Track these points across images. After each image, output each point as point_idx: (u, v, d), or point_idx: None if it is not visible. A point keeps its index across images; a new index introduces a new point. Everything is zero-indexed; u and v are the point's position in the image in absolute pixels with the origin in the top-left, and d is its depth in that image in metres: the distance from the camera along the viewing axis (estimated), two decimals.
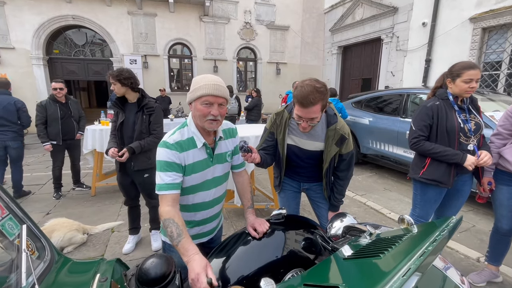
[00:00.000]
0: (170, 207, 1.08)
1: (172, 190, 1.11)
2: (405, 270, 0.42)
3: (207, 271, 0.90)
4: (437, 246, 0.54)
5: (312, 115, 1.34)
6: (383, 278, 0.41)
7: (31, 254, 0.74)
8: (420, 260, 0.46)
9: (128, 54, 9.70)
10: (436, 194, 1.86)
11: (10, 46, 8.45)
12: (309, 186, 1.76)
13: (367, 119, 4.80)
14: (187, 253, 0.96)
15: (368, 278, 0.46)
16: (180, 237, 1.00)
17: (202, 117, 1.12)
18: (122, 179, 2.42)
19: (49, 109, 3.52)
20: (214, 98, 1.10)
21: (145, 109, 2.27)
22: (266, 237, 1.21)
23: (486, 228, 2.85)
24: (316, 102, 1.29)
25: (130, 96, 2.28)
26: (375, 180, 4.56)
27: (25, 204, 3.51)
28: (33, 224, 0.79)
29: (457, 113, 1.76)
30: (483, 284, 2.00)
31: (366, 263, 0.55)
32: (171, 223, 1.03)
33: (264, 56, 11.58)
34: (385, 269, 0.45)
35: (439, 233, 0.60)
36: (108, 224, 2.95)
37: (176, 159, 1.13)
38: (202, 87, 1.09)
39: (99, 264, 0.86)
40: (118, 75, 2.19)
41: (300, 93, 1.30)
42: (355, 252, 0.71)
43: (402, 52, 7.92)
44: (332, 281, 0.51)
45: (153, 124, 2.31)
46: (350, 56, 10.55)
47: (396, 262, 0.47)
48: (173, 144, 1.13)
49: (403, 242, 0.63)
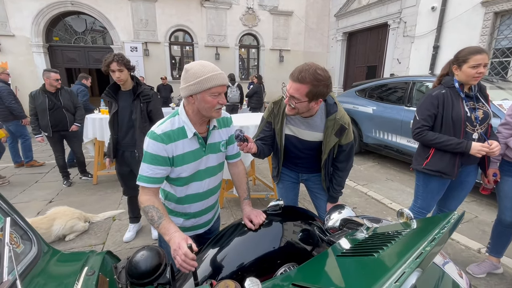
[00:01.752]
0: (149, 196, 1.10)
1: (151, 184, 1.11)
2: (399, 275, 0.38)
3: (187, 240, 0.94)
4: (436, 245, 0.50)
5: (294, 92, 1.27)
6: (374, 283, 0.38)
7: (16, 247, 0.73)
8: (416, 262, 0.42)
9: (129, 41, 9.52)
10: (439, 185, 1.82)
11: (9, 34, 8.34)
12: (307, 177, 1.73)
13: (370, 108, 4.70)
14: (168, 231, 1.00)
15: (359, 282, 0.43)
16: (160, 219, 1.03)
17: (210, 108, 1.10)
18: (120, 169, 2.38)
19: (37, 100, 3.46)
20: (222, 88, 1.09)
21: (141, 97, 2.16)
22: (263, 228, 1.19)
23: (489, 219, 2.82)
24: (304, 81, 1.22)
25: (127, 84, 2.17)
26: (377, 170, 4.52)
27: (27, 192, 3.56)
28: (18, 217, 0.77)
29: (464, 101, 1.69)
30: (483, 275, 1.99)
31: (359, 262, 0.52)
32: (151, 208, 1.05)
33: (267, 43, 11.30)
34: (377, 272, 0.42)
35: (438, 231, 0.57)
36: (110, 213, 2.98)
37: (161, 151, 1.10)
38: (210, 78, 1.04)
39: (88, 256, 0.84)
40: (123, 59, 2.06)
41: (299, 66, 1.26)
42: (350, 249, 0.68)
43: (409, 38, 7.66)
44: (321, 283, 0.48)
45: (155, 114, 2.22)
46: (355, 43, 10.26)
47: (390, 264, 0.43)
48: (160, 135, 1.09)
49: (399, 240, 0.60)
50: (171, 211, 1.30)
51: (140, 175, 1.11)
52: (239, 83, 7.21)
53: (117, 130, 2.23)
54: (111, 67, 2.04)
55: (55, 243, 2.48)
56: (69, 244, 2.48)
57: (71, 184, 3.81)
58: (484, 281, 1.96)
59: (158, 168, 1.11)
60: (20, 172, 4.34)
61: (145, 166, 1.11)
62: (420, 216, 1.93)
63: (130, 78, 2.17)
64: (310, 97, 1.27)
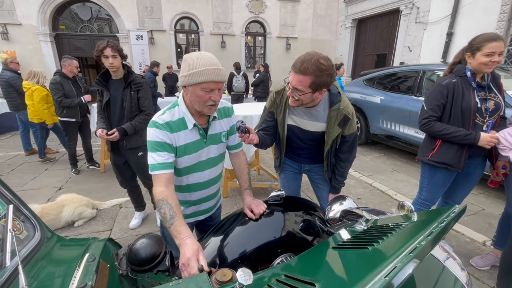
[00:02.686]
0: (163, 187, 1.05)
1: (165, 170, 1.08)
2: (389, 269, 0.38)
3: (198, 256, 0.87)
4: (432, 239, 0.49)
5: (297, 85, 1.23)
6: (364, 277, 0.37)
7: (19, 234, 0.75)
8: (409, 257, 0.41)
9: (134, 29, 9.46)
10: (445, 177, 1.79)
11: (16, 22, 8.38)
12: (310, 168, 1.72)
13: (378, 98, 4.59)
14: (180, 236, 0.94)
15: (349, 275, 0.42)
16: (173, 219, 0.97)
17: (202, 103, 1.05)
18: (115, 160, 2.34)
19: (65, 86, 3.48)
20: (215, 84, 1.02)
21: (132, 85, 2.11)
22: (263, 218, 1.20)
23: (496, 212, 2.77)
24: (307, 73, 1.18)
25: (118, 72, 2.11)
26: (383, 161, 4.46)
27: (38, 179, 3.67)
28: (21, 204, 0.79)
29: (475, 91, 1.62)
30: (486, 268, 1.98)
31: (353, 255, 0.52)
32: (164, 204, 1.00)
33: (274, 30, 11.06)
34: (369, 266, 0.41)
35: (437, 224, 0.55)
36: (116, 200, 3.05)
37: (166, 139, 1.09)
38: (202, 72, 0.98)
39: (90, 243, 0.86)
40: (118, 45, 2.00)
41: (301, 57, 1.21)
42: (347, 240, 0.68)
43: (421, 24, 7.37)
44: (312, 274, 0.48)
45: (143, 101, 2.17)
46: (365, 30, 9.95)
47: (383, 258, 0.43)
48: (163, 124, 1.08)
49: (396, 233, 0.59)
50: None
51: (151, 164, 1.09)
52: (244, 72, 7.13)
53: (109, 120, 2.19)
54: (105, 52, 1.97)
55: (65, 228, 2.57)
56: (77, 230, 2.56)
57: (79, 172, 3.90)
58: (488, 274, 1.95)
59: (167, 154, 1.09)
60: (31, 159, 4.45)
61: (154, 154, 1.08)
62: (424, 208, 1.91)
63: (122, 66, 2.11)
64: (313, 88, 1.23)
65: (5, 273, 0.61)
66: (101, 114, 2.19)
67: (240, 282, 0.47)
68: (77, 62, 3.60)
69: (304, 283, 0.42)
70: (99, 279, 0.70)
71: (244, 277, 0.48)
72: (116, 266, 0.84)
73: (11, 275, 0.61)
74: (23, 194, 3.23)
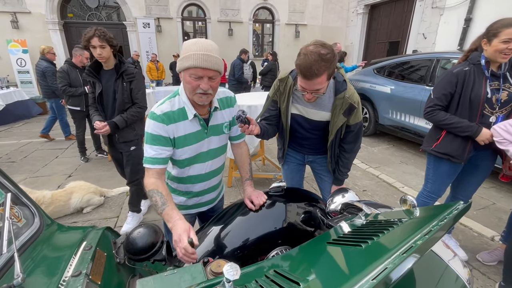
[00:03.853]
0: (154, 179, 1.07)
1: (156, 165, 1.08)
2: (379, 271, 0.36)
3: (189, 232, 0.91)
4: (430, 238, 0.46)
5: (316, 87, 1.21)
6: (350, 279, 0.35)
7: (17, 222, 0.76)
8: (401, 257, 0.39)
9: (141, 17, 9.37)
10: (450, 169, 1.73)
11: (26, 10, 8.43)
12: (313, 159, 1.69)
13: (388, 87, 4.44)
14: (171, 219, 0.97)
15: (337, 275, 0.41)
16: (164, 206, 1.00)
17: (191, 90, 1.02)
18: (113, 153, 2.31)
19: (71, 75, 3.55)
20: (203, 71, 0.97)
21: (124, 75, 2.00)
22: (263, 209, 1.19)
23: (508, 207, 2.69)
24: (321, 73, 1.15)
25: (109, 62, 1.98)
26: (391, 152, 4.37)
27: (49, 167, 3.77)
28: (20, 192, 0.80)
29: (488, 81, 1.53)
30: (493, 263, 1.93)
31: (345, 252, 0.50)
32: (155, 193, 1.02)
33: (283, 17, 10.75)
34: (359, 266, 0.39)
35: (437, 222, 0.52)
36: (123, 188, 3.11)
37: (162, 132, 1.07)
38: (190, 56, 0.95)
39: (89, 232, 0.87)
40: (106, 34, 1.86)
41: (303, 63, 1.15)
42: (342, 236, 0.66)
43: (438, 10, 7.00)
44: (301, 271, 0.46)
45: (135, 92, 2.06)
46: (377, 16, 9.54)
47: (374, 258, 0.40)
48: (160, 116, 1.06)
49: (394, 230, 0.56)
50: (173, 190, 1.32)
51: (145, 157, 1.09)
52: (252, 60, 6.99)
53: (104, 112, 2.10)
54: (91, 42, 1.83)
55: (74, 215, 2.65)
56: (86, 216, 2.64)
57: (88, 160, 3.99)
58: (494, 269, 1.91)
59: (161, 149, 1.08)
60: (42, 147, 4.58)
61: (148, 147, 1.08)
62: (430, 200, 1.87)
63: (113, 56, 1.99)
64: (329, 77, 1.23)
65: (1, 260, 0.62)
66: (94, 106, 2.11)
67: (227, 277, 0.46)
68: (89, 54, 3.62)
69: (291, 281, 0.41)
70: (95, 267, 0.71)
71: (231, 272, 0.47)
72: (114, 255, 0.85)
73: (7, 263, 0.63)
74: (35, 180, 3.34)
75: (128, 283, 0.80)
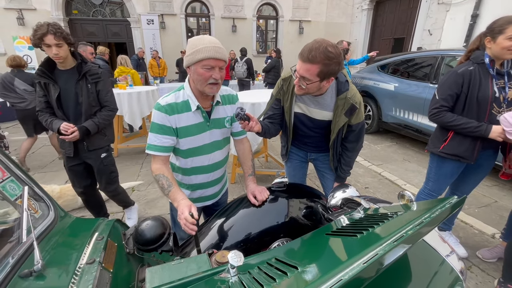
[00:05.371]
0: (159, 165, 1.16)
1: (160, 152, 1.17)
2: (370, 256, 0.39)
3: (190, 208, 1.01)
4: (421, 229, 0.49)
5: (304, 73, 1.22)
6: (344, 262, 0.39)
7: (34, 213, 0.81)
8: (391, 245, 0.42)
9: (145, 13, 9.40)
10: (453, 168, 1.74)
11: (31, 7, 8.50)
12: (316, 156, 1.72)
13: (392, 85, 4.43)
14: (176, 199, 1.07)
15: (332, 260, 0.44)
16: (170, 187, 1.10)
17: (203, 81, 1.10)
18: (72, 164, 1.96)
19: None
20: (215, 61, 1.06)
21: (88, 76, 1.78)
22: (266, 204, 1.23)
23: (510, 205, 2.69)
24: (315, 61, 1.16)
25: (67, 62, 1.74)
26: (394, 150, 4.37)
27: (57, 162, 3.85)
28: (36, 186, 0.85)
29: (494, 79, 1.53)
30: (493, 260, 1.96)
31: (341, 242, 0.53)
32: (161, 177, 1.13)
33: (286, 13, 10.70)
34: (352, 253, 0.43)
35: (429, 215, 0.56)
36: (129, 184, 3.17)
37: (166, 121, 1.15)
38: (202, 50, 1.04)
39: (99, 223, 0.92)
40: (62, 31, 1.64)
41: (308, 45, 1.20)
42: (340, 228, 0.69)
43: (444, 6, 6.91)
44: (299, 258, 0.50)
45: (103, 95, 1.86)
46: (382, 12, 9.44)
47: (367, 245, 0.44)
48: (164, 106, 1.14)
49: (388, 222, 0.59)
50: (178, 182, 1.37)
51: (149, 144, 1.17)
52: (248, 58, 6.96)
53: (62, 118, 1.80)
54: (45, 40, 1.58)
55: (81, 209, 2.71)
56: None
57: None
58: (494, 266, 1.93)
59: (165, 137, 1.17)
60: (49, 143, 4.66)
61: (152, 135, 1.17)
62: (430, 198, 1.89)
63: (71, 54, 1.76)
64: (321, 77, 1.21)
65: (21, 248, 0.67)
66: (47, 111, 1.79)
67: (231, 263, 0.50)
68: (92, 49, 3.65)
69: (289, 266, 0.45)
70: (107, 256, 0.76)
71: (235, 259, 0.51)
72: (124, 245, 0.89)
73: (27, 250, 0.67)
74: (43, 175, 3.42)
75: (137, 272, 0.84)
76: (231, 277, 0.51)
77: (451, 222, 2.09)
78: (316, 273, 0.39)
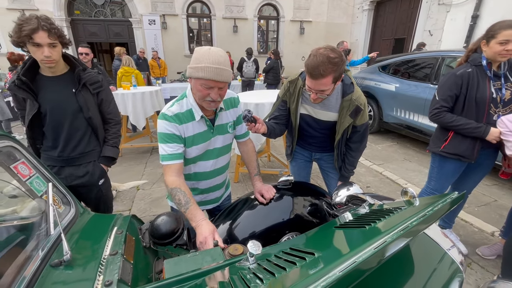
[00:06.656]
0: (175, 177, 1.11)
1: (175, 160, 1.13)
2: (380, 243, 0.44)
3: (214, 235, 0.96)
4: (424, 221, 0.54)
5: (321, 87, 1.27)
6: (357, 248, 0.43)
7: (57, 208, 0.86)
8: (399, 234, 0.47)
9: (147, 14, 9.45)
10: (455, 167, 1.79)
11: (34, 8, 8.55)
12: (320, 156, 1.76)
13: (393, 85, 4.48)
14: (195, 218, 1.02)
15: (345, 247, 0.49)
16: (188, 204, 1.04)
17: (201, 97, 1.08)
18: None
19: None
20: (214, 83, 1.02)
21: (88, 85, 1.45)
22: (273, 201, 1.27)
23: (509, 204, 2.73)
24: (327, 74, 1.21)
25: (58, 66, 1.36)
26: (395, 150, 4.42)
27: None
28: (58, 183, 0.90)
29: (491, 81, 1.58)
30: (492, 257, 2.00)
31: (351, 232, 0.58)
32: (178, 191, 1.07)
33: (287, 14, 10.74)
34: (363, 241, 0.47)
35: (431, 208, 0.60)
36: (134, 183, 3.22)
37: (175, 130, 1.13)
38: (203, 68, 0.99)
39: (117, 219, 0.97)
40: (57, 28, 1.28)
41: (311, 63, 1.22)
42: (348, 221, 0.74)
43: (445, 6, 6.95)
44: (314, 247, 0.54)
45: (106, 106, 1.56)
46: (383, 13, 9.49)
47: (376, 235, 0.48)
48: (172, 117, 1.12)
49: (393, 215, 0.64)
50: None
51: (162, 155, 1.14)
52: (255, 57, 7.04)
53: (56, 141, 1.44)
54: (35, 38, 1.19)
55: None
56: None
57: None
58: (493, 263, 1.97)
59: (176, 145, 1.14)
60: None
61: (164, 146, 1.13)
62: None
63: (64, 58, 1.40)
64: (335, 81, 1.28)
65: (50, 240, 0.71)
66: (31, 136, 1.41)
67: (250, 252, 0.54)
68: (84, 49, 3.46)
69: (305, 253, 0.49)
70: (127, 248, 0.80)
71: (254, 248, 0.55)
72: (140, 239, 0.94)
73: (55, 242, 0.72)
74: None
75: (154, 264, 0.89)
76: (250, 265, 0.55)
77: (452, 220, 2.14)
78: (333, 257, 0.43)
